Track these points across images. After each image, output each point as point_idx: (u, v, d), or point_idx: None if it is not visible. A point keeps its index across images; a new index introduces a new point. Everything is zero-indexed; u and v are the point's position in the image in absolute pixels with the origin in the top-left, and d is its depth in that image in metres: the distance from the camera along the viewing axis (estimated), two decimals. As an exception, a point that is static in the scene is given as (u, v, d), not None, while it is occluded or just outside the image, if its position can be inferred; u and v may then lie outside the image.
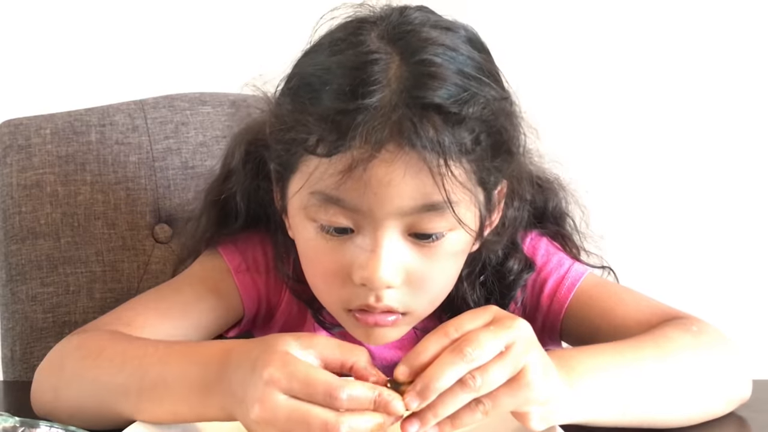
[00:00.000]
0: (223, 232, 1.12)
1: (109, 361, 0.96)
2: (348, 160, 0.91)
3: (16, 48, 1.69)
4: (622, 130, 1.78)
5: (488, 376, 0.80)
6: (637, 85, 1.77)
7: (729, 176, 1.79)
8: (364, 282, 0.95)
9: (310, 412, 0.79)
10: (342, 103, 0.91)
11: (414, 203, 0.93)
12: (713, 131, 1.78)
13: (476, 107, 0.93)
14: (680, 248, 1.81)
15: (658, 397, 0.94)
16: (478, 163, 0.95)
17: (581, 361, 0.91)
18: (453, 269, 1.01)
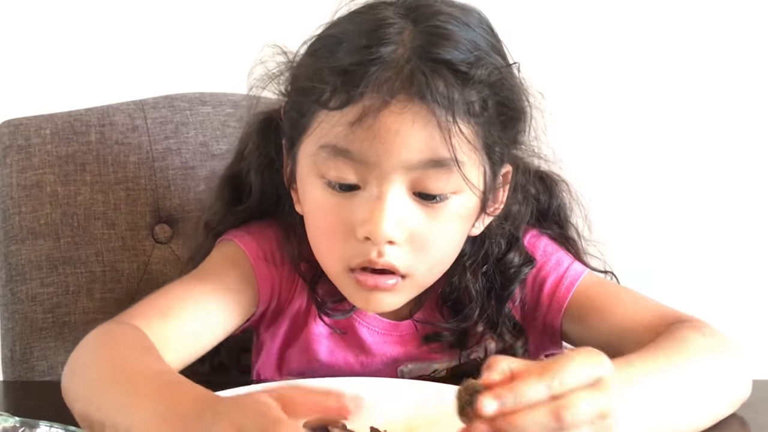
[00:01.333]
0: (237, 210, 1.13)
1: (105, 362, 0.95)
2: (359, 111, 0.94)
3: (16, 48, 1.69)
4: (627, 134, 1.78)
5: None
6: (642, 91, 1.77)
7: (730, 179, 1.79)
8: (367, 235, 0.96)
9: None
10: (356, 57, 0.95)
11: (420, 156, 0.95)
12: (716, 135, 1.78)
13: (484, 71, 0.97)
14: (680, 248, 1.81)
15: (680, 407, 0.93)
16: (485, 128, 0.98)
17: (633, 384, 0.87)
18: (456, 235, 1.02)
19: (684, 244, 1.81)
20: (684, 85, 1.77)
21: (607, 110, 1.77)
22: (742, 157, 1.79)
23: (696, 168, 1.79)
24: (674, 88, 1.77)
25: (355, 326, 1.11)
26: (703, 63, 1.77)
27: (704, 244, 1.81)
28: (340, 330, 1.11)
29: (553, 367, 0.76)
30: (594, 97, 1.76)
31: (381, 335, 1.12)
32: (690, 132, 1.78)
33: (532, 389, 0.75)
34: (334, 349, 1.12)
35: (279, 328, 1.13)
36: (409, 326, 1.12)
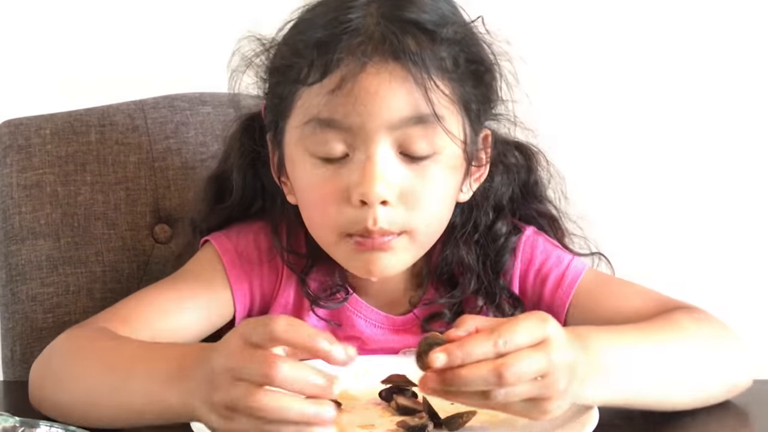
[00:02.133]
0: (219, 208, 1.15)
1: (85, 361, 0.98)
2: (337, 79, 0.98)
3: (16, 48, 1.69)
4: (614, 121, 1.78)
5: (510, 394, 0.85)
6: (626, 74, 1.77)
7: (727, 169, 1.79)
8: (361, 197, 0.99)
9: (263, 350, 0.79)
10: (327, 30, 1.00)
11: (402, 114, 0.99)
12: (701, 107, 1.78)
13: (450, 29, 1.02)
14: (680, 248, 1.80)
15: (664, 380, 0.96)
16: (460, 84, 1.02)
17: (601, 348, 0.92)
18: (446, 189, 1.05)
19: (683, 241, 1.80)
20: (669, 58, 1.76)
21: (583, 83, 1.76)
22: (737, 145, 1.78)
23: (691, 157, 1.78)
24: (659, 61, 1.76)
25: (352, 319, 1.12)
26: (689, 39, 1.76)
27: (703, 243, 1.81)
28: (334, 322, 1.11)
29: (501, 328, 0.84)
30: (584, 84, 1.75)
31: (379, 327, 1.12)
32: (672, 103, 1.77)
33: (479, 347, 0.83)
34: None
35: None
36: (408, 318, 1.12)
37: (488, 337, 0.83)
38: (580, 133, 1.72)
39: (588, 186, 1.66)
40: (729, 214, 1.80)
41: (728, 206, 1.79)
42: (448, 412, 0.95)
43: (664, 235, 1.79)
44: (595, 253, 1.18)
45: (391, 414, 0.97)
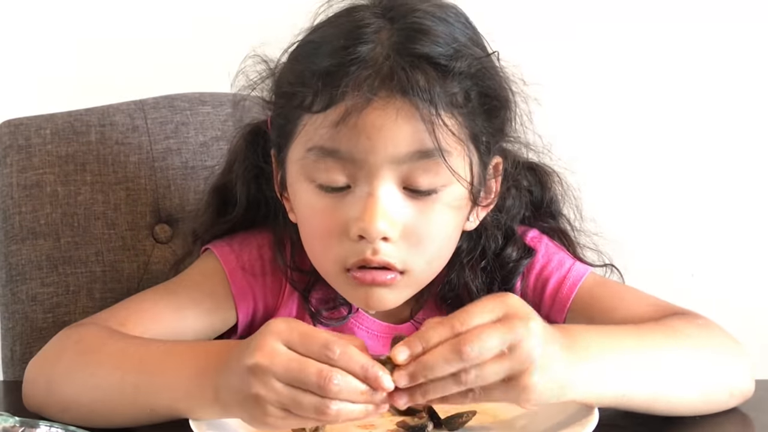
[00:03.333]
0: (222, 220, 1.14)
1: (108, 357, 0.97)
2: (341, 111, 0.95)
3: (17, 48, 1.69)
4: (622, 127, 1.78)
5: (483, 375, 0.82)
6: (638, 80, 1.77)
7: (732, 175, 1.79)
8: (361, 233, 0.97)
9: (308, 361, 0.82)
10: (335, 59, 0.97)
11: (407, 149, 0.96)
12: (709, 119, 1.78)
13: (464, 62, 0.98)
14: (680, 248, 1.81)
15: (659, 382, 0.95)
16: (470, 119, 0.99)
17: (587, 340, 0.91)
18: (449, 228, 1.02)
19: (683, 241, 1.81)
20: (675, 71, 1.76)
21: (596, 99, 1.76)
22: (744, 151, 1.78)
23: (696, 164, 1.79)
24: (665, 75, 1.76)
25: (354, 331, 1.11)
26: (693, 49, 1.76)
27: (704, 243, 1.81)
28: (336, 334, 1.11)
29: (457, 312, 0.84)
30: (582, 85, 1.75)
31: (381, 338, 1.12)
32: (682, 118, 1.77)
33: (436, 332, 0.82)
34: None
35: None
36: (408, 328, 1.12)
37: (445, 321, 0.83)
38: (591, 147, 1.72)
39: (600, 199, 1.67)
40: (747, 232, 1.80)
41: (745, 224, 1.79)
42: (448, 412, 0.95)
43: (679, 250, 1.79)
44: (608, 264, 1.16)
45: (391, 414, 0.97)
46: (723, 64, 1.76)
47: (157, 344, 0.98)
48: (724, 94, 1.76)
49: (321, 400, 0.81)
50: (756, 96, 1.77)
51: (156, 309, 1.07)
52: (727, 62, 1.76)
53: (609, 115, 1.76)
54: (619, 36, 1.75)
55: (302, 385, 0.81)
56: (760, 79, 1.77)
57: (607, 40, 1.75)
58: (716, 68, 1.76)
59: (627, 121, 1.77)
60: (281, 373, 0.82)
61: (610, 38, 1.75)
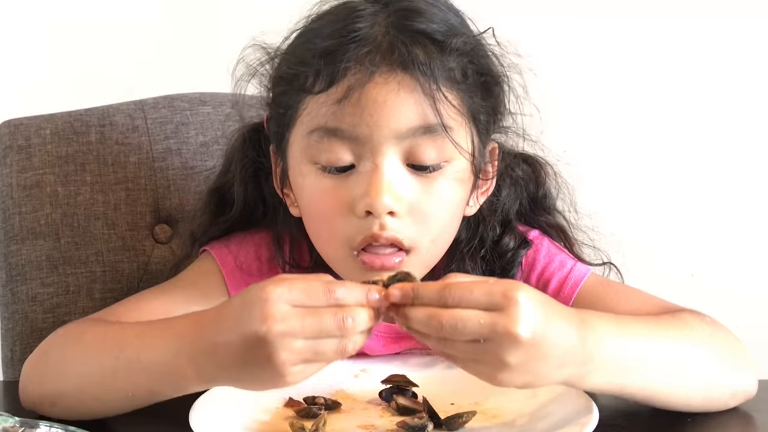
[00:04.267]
0: (219, 221, 1.14)
1: (88, 345, 0.99)
2: (344, 88, 0.97)
3: (17, 48, 1.69)
4: (622, 124, 1.78)
5: (454, 349, 0.85)
6: (640, 75, 1.77)
7: (733, 174, 1.79)
8: (367, 208, 0.98)
9: (320, 311, 0.83)
10: (334, 39, 0.99)
11: (410, 124, 0.97)
12: (719, 125, 1.77)
13: (459, 40, 1.01)
14: (680, 248, 1.81)
15: (662, 373, 0.95)
16: (468, 96, 1.01)
17: (600, 328, 0.91)
18: (453, 204, 1.03)
19: (682, 240, 1.81)
20: (676, 65, 1.76)
21: (596, 93, 1.76)
22: (744, 150, 1.78)
23: (697, 150, 1.78)
24: (666, 70, 1.76)
25: None
26: (696, 43, 1.76)
27: (705, 243, 1.81)
28: None
29: (456, 283, 0.85)
30: (583, 76, 1.75)
31: (381, 337, 1.12)
32: (684, 115, 1.77)
33: (427, 292, 0.84)
34: None
35: None
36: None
37: (440, 286, 0.84)
38: (590, 144, 1.72)
39: (599, 197, 1.67)
40: (747, 231, 1.79)
41: (741, 219, 1.79)
42: (448, 413, 0.95)
43: (676, 246, 1.79)
44: (606, 263, 1.17)
45: (391, 414, 0.97)
46: (725, 58, 1.75)
47: (132, 326, 0.98)
48: (727, 91, 1.76)
49: (340, 340, 0.83)
50: (759, 93, 1.77)
51: (151, 308, 1.08)
52: (731, 56, 1.75)
53: (609, 110, 1.76)
54: (617, 28, 1.75)
55: (322, 335, 0.83)
56: (762, 75, 1.76)
57: (604, 31, 1.74)
58: (718, 62, 1.76)
59: (627, 117, 1.76)
60: (301, 331, 0.83)
61: (607, 29, 1.74)
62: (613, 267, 1.17)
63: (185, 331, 0.90)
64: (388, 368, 1.04)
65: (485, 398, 1.00)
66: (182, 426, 0.91)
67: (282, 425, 0.95)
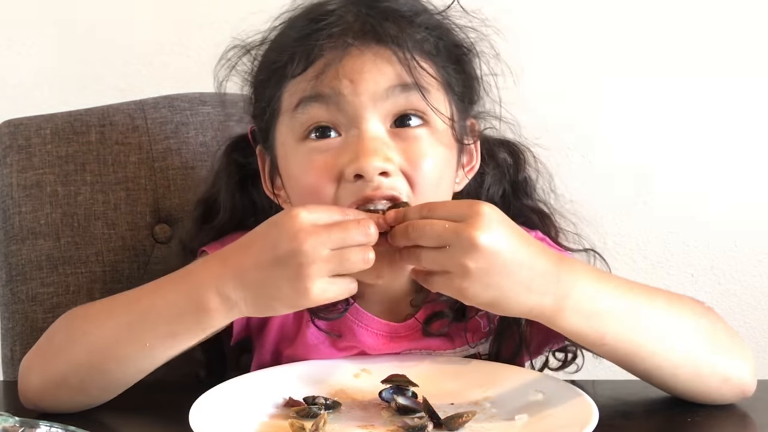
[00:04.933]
0: (207, 228, 1.16)
1: (97, 313, 1.01)
2: (321, 65, 1.02)
3: (17, 48, 1.69)
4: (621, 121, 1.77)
5: (422, 257, 0.93)
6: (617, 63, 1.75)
7: (734, 174, 1.78)
8: (357, 171, 1.00)
9: (343, 220, 0.93)
10: (308, 25, 1.03)
11: (387, 84, 1.01)
12: (718, 118, 1.76)
13: (425, 16, 1.06)
14: (680, 247, 1.80)
15: (646, 337, 0.97)
16: (442, 67, 1.05)
17: (579, 268, 0.97)
18: (441, 163, 1.05)
19: (682, 240, 1.81)
20: (661, 49, 1.74)
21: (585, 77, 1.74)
22: (736, 137, 1.76)
23: (678, 134, 1.77)
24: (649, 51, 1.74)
25: (353, 329, 1.11)
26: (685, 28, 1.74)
27: (705, 242, 1.81)
28: (335, 333, 1.11)
29: (432, 203, 0.95)
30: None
31: (380, 336, 1.12)
32: (666, 94, 1.75)
33: (411, 210, 0.95)
34: (334, 355, 1.11)
35: (267, 336, 1.13)
36: (409, 325, 1.12)
37: (421, 204, 0.95)
38: (570, 125, 1.71)
39: (603, 204, 1.67)
40: (747, 231, 1.78)
41: (745, 223, 1.78)
42: (448, 413, 0.95)
43: (679, 249, 1.78)
44: (589, 249, 1.18)
45: (391, 414, 0.97)
46: (721, 45, 1.74)
47: (142, 286, 1.01)
48: (725, 82, 1.75)
49: (364, 248, 0.92)
50: (758, 89, 1.76)
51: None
52: (727, 46, 1.74)
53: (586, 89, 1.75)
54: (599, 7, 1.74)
55: (347, 243, 0.91)
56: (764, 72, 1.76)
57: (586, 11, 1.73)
58: (715, 50, 1.75)
59: (627, 111, 1.76)
60: (329, 240, 0.90)
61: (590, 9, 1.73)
62: (597, 256, 1.17)
63: (205, 267, 0.96)
64: (388, 368, 1.04)
65: (485, 398, 1.00)
66: (182, 426, 0.91)
67: (282, 425, 0.95)
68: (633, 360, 0.98)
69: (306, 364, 1.08)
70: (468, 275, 0.90)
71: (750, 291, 1.80)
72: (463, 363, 1.08)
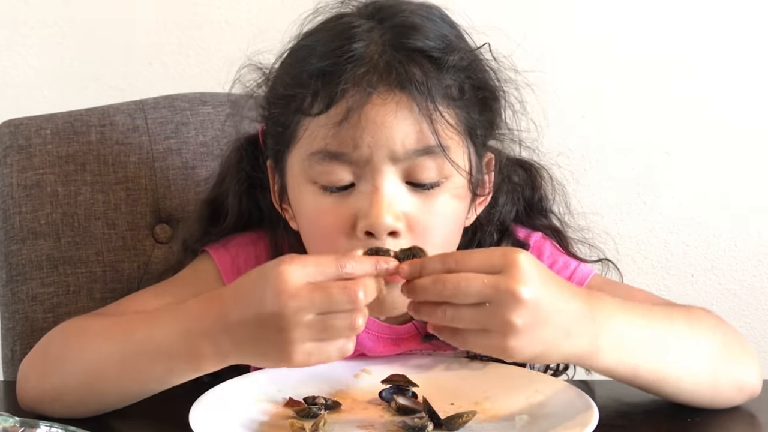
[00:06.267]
0: (213, 231, 1.15)
1: (93, 335, 1.00)
2: (342, 109, 0.97)
3: (17, 48, 1.69)
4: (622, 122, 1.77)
5: (458, 316, 0.87)
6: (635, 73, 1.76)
7: (734, 174, 1.78)
8: (368, 228, 0.98)
9: (330, 285, 0.86)
10: (330, 59, 0.98)
11: (408, 147, 0.98)
12: (719, 124, 1.76)
13: (455, 56, 1.01)
14: (679, 247, 1.80)
15: (671, 362, 0.97)
16: (465, 112, 1.01)
17: (609, 309, 0.94)
18: (453, 218, 1.03)
19: (682, 239, 1.81)
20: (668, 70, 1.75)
21: (592, 92, 1.75)
22: (737, 140, 1.77)
23: (694, 155, 1.78)
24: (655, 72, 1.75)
25: None
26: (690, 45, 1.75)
27: (705, 242, 1.81)
28: None
29: (461, 252, 0.90)
30: (588, 88, 1.75)
31: (382, 340, 1.11)
32: (676, 109, 1.76)
33: (432, 262, 0.88)
34: None
35: None
36: (409, 328, 1.12)
37: (446, 257, 0.88)
38: (571, 126, 1.71)
39: (602, 204, 1.67)
40: (747, 231, 1.79)
41: (746, 223, 1.78)
42: (448, 413, 0.95)
43: (678, 249, 1.79)
44: (603, 259, 1.17)
45: (391, 414, 0.98)
46: (721, 46, 1.74)
47: (138, 314, 1.00)
48: (725, 89, 1.75)
49: (350, 314, 0.85)
50: (758, 90, 1.76)
51: (147, 306, 1.07)
52: (727, 46, 1.74)
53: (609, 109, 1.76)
54: (614, 37, 1.75)
55: (333, 309, 0.85)
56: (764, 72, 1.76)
57: (592, 37, 1.74)
58: (716, 51, 1.75)
59: (627, 111, 1.76)
60: (312, 306, 0.85)
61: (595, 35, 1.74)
62: (611, 265, 1.17)
63: (201, 310, 0.92)
64: (388, 368, 1.04)
65: (485, 398, 1.00)
66: (182, 426, 0.91)
67: (282, 425, 0.95)
68: (659, 387, 0.98)
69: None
70: (514, 332, 0.86)
71: (750, 291, 1.80)
72: (463, 363, 1.08)
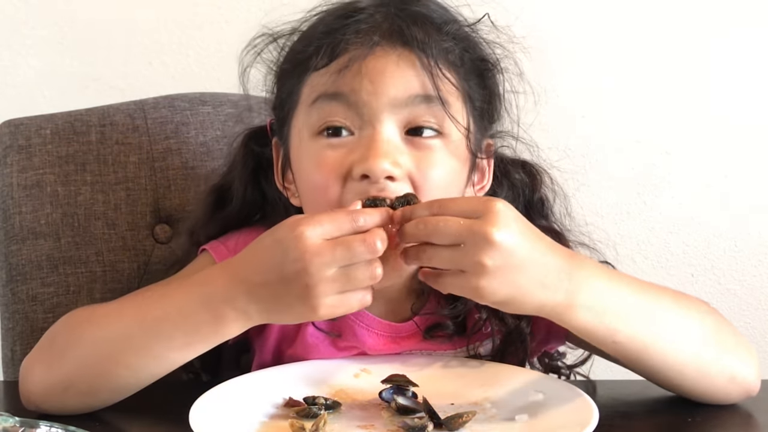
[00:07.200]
0: (218, 216, 1.16)
1: (104, 317, 1.01)
2: (345, 60, 1.01)
3: (17, 48, 1.69)
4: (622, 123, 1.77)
5: (435, 256, 0.91)
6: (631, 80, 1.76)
7: (734, 174, 1.78)
8: (365, 172, 0.99)
9: (349, 239, 0.90)
10: (337, 20, 1.03)
11: (408, 92, 1.01)
12: (720, 125, 1.76)
13: (454, 26, 1.06)
14: (680, 247, 1.80)
15: (655, 330, 0.97)
16: (465, 79, 1.05)
17: (591, 269, 0.96)
18: (452, 177, 1.05)
19: (681, 239, 1.81)
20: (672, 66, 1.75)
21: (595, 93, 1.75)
22: (737, 141, 1.77)
23: (693, 155, 1.78)
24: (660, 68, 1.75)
25: (353, 328, 1.11)
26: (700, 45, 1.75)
27: (705, 242, 1.81)
28: (335, 333, 1.11)
29: (444, 199, 0.94)
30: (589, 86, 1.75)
31: (381, 336, 1.11)
32: (679, 108, 1.76)
33: (419, 206, 0.93)
34: (334, 355, 1.11)
35: (268, 336, 1.13)
36: (410, 326, 1.12)
37: (430, 201, 0.93)
38: (571, 126, 1.71)
39: (601, 203, 1.67)
40: (747, 231, 1.79)
41: (745, 223, 1.78)
42: (448, 413, 0.95)
43: (679, 249, 1.79)
44: (603, 262, 1.17)
45: (391, 414, 0.98)
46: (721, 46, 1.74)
47: (149, 293, 1.02)
48: (725, 89, 1.75)
49: (369, 264, 0.90)
50: (758, 90, 1.76)
51: None
52: (727, 46, 1.74)
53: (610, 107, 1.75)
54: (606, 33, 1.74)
55: (354, 260, 0.89)
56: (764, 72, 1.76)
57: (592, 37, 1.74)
58: (716, 51, 1.75)
59: (627, 115, 1.76)
60: (334, 260, 0.89)
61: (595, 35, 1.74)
62: (609, 266, 1.17)
63: (216, 279, 0.95)
64: (388, 368, 1.04)
65: (485, 398, 1.00)
66: (182, 426, 0.91)
67: (282, 425, 0.95)
68: (642, 358, 0.98)
69: (306, 364, 1.08)
70: (484, 273, 0.89)
71: (750, 291, 1.80)
72: (464, 363, 1.08)
